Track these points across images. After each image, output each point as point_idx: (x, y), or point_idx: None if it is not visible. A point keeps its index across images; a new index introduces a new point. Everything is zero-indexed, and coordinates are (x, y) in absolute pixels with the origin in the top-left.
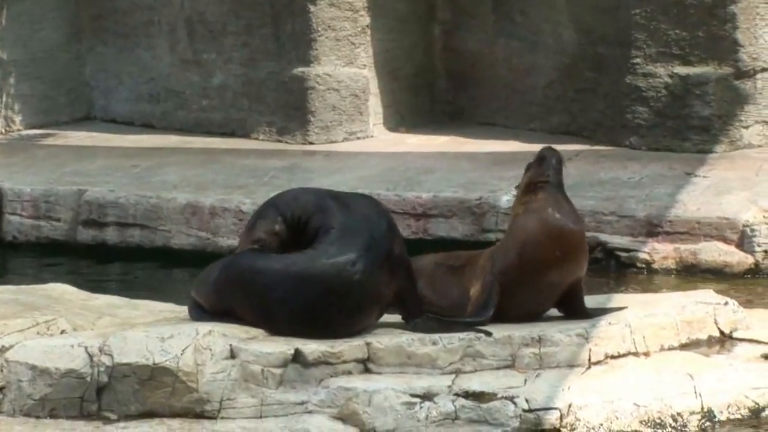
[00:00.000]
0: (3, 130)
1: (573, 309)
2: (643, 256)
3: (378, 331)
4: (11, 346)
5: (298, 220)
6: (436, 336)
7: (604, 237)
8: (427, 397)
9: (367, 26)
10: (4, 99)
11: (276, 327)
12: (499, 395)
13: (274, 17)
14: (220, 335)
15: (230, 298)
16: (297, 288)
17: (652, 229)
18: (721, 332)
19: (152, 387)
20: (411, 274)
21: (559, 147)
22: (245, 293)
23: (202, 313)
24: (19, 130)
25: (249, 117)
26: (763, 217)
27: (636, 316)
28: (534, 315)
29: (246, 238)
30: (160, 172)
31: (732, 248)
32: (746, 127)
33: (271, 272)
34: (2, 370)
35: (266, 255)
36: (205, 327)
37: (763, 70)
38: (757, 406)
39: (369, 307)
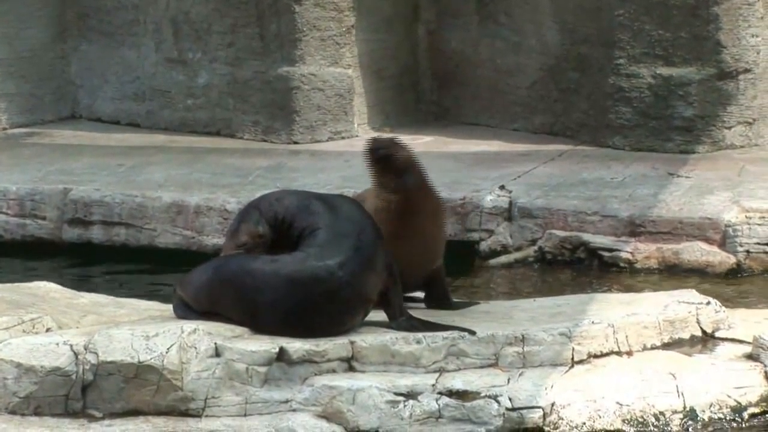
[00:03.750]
0: None
1: (436, 296)
2: (625, 255)
3: (362, 329)
4: None
5: (282, 222)
6: (419, 335)
7: (586, 237)
8: (411, 395)
9: (352, 26)
10: None
11: (264, 328)
12: (483, 394)
13: (259, 17)
14: (205, 333)
15: (219, 299)
16: (287, 290)
17: (635, 228)
18: (704, 332)
19: (137, 385)
20: (395, 274)
21: (542, 147)
22: (235, 295)
23: (187, 311)
24: (4, 128)
25: (234, 116)
26: (745, 217)
27: (619, 315)
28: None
29: (230, 241)
30: (145, 171)
31: (714, 248)
32: (729, 128)
33: (260, 274)
34: None
35: (256, 257)
36: (190, 325)
37: (746, 71)
38: (738, 405)
39: (356, 308)
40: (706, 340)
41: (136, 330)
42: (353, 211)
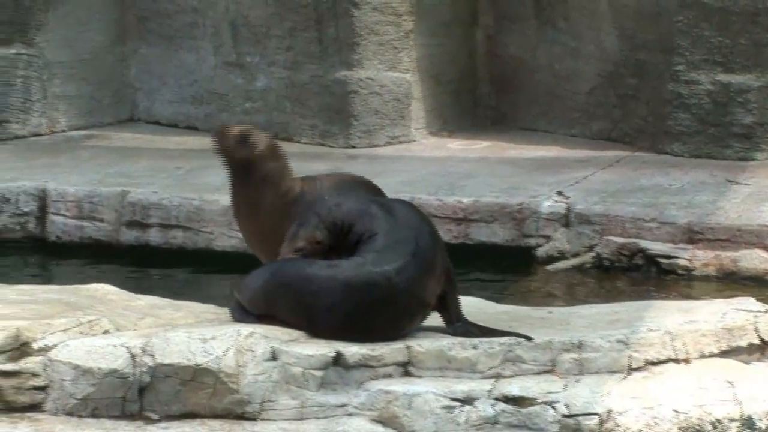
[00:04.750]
0: (48, 131)
1: None
2: (683, 262)
3: (419, 334)
4: (54, 346)
5: (341, 227)
6: (476, 340)
7: (644, 243)
8: (467, 401)
9: (410, 31)
10: (49, 100)
11: (321, 332)
12: (539, 400)
13: (317, 21)
14: (261, 337)
15: (276, 302)
16: (344, 295)
17: (693, 235)
18: (762, 340)
19: (194, 388)
20: (453, 278)
21: (600, 153)
22: (292, 299)
23: (244, 314)
24: (63, 131)
25: (292, 120)
26: None
27: (676, 322)
28: None
29: (288, 246)
30: (203, 175)
31: None
32: None
33: (318, 279)
34: (46, 370)
35: (314, 262)
36: (247, 329)
37: None
38: None
39: (414, 313)
40: (764, 348)
41: (193, 333)
42: (411, 216)
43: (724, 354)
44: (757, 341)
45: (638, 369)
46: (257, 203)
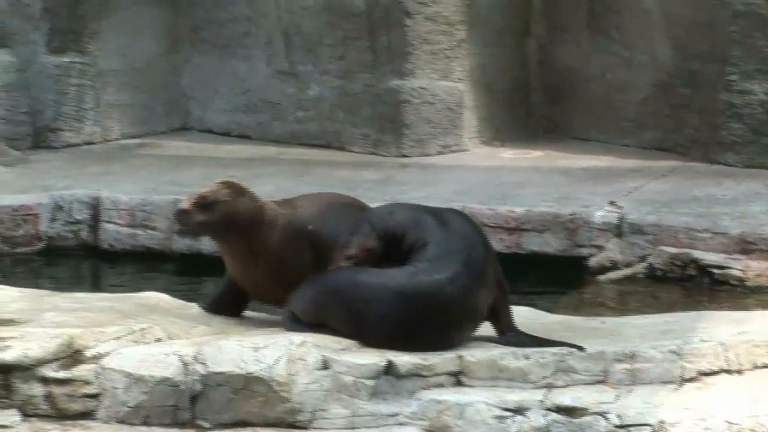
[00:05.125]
0: (101, 139)
1: None
2: (736, 273)
3: (470, 344)
4: (107, 354)
5: (393, 236)
6: (528, 350)
7: (697, 254)
8: (519, 411)
9: (462, 40)
10: (102, 108)
11: (372, 341)
12: (591, 410)
13: (370, 30)
14: (313, 346)
15: (328, 311)
16: (396, 304)
17: (746, 246)
18: None
19: (245, 396)
20: (505, 289)
21: (653, 163)
22: (344, 307)
23: (296, 323)
24: (116, 139)
25: (344, 129)
26: None
27: (729, 333)
28: None
29: (340, 253)
30: (255, 183)
31: None
32: None
33: (370, 288)
34: (98, 377)
35: (365, 270)
36: (298, 337)
37: None
38: None
39: (466, 323)
40: None
41: (245, 341)
42: (464, 226)
43: None
44: None
45: (691, 380)
46: (251, 251)
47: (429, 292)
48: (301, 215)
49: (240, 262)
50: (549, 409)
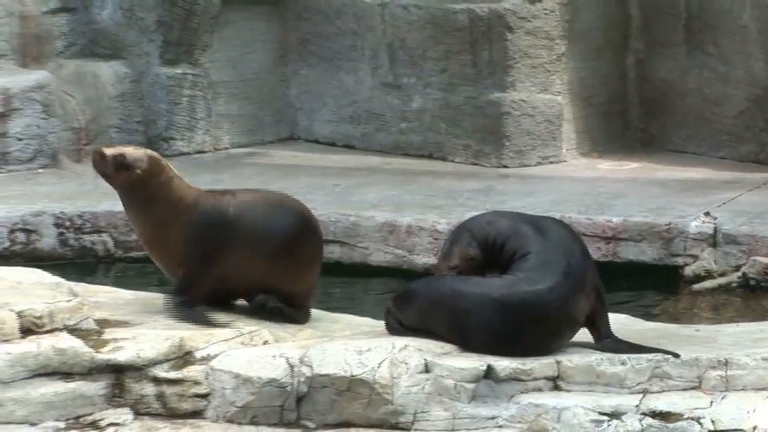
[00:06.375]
0: (211, 148)
1: None
2: None
3: (568, 349)
4: (216, 356)
5: (493, 245)
6: (624, 356)
7: None
8: (615, 415)
9: (562, 54)
10: (213, 118)
11: (474, 349)
12: (686, 416)
13: (472, 44)
14: (415, 350)
15: (430, 317)
16: (497, 313)
17: None
18: None
19: (349, 398)
20: (602, 297)
21: (748, 175)
22: (445, 315)
23: (399, 328)
24: (226, 148)
25: (446, 140)
26: None
27: None
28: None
29: (442, 262)
30: (359, 192)
31: None
32: None
33: (472, 297)
34: (207, 378)
35: (468, 279)
36: (401, 342)
37: None
38: None
39: (564, 330)
40: None
41: (349, 345)
42: (563, 235)
43: None
44: None
45: None
46: (148, 219)
47: (529, 302)
48: (228, 201)
49: (136, 224)
50: (644, 414)
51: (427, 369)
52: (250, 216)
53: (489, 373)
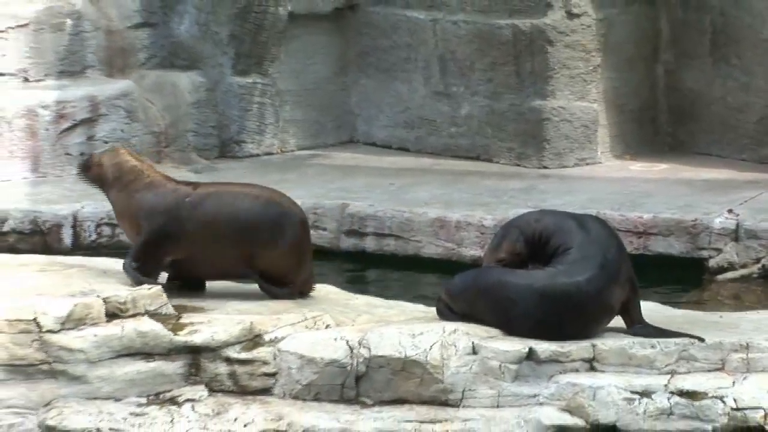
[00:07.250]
0: (278, 151)
1: None
2: None
3: (603, 334)
4: (283, 338)
5: (539, 240)
6: (654, 340)
7: None
8: (646, 394)
9: (598, 65)
10: (280, 123)
11: (517, 335)
12: (710, 395)
13: (516, 56)
14: (463, 333)
15: (477, 305)
16: (538, 303)
17: None
18: None
19: (404, 377)
20: (635, 287)
21: (767, 176)
22: (491, 303)
23: (449, 314)
24: (292, 150)
25: (491, 143)
26: None
27: None
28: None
29: (491, 254)
30: (412, 190)
31: None
32: None
33: (516, 287)
34: (275, 358)
35: (512, 272)
36: (451, 326)
37: None
38: None
39: (600, 318)
40: None
41: (403, 329)
42: (601, 231)
43: None
44: None
45: None
46: (118, 197)
47: (568, 293)
48: (188, 191)
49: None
50: (672, 393)
51: (474, 351)
52: (211, 204)
53: (531, 355)
